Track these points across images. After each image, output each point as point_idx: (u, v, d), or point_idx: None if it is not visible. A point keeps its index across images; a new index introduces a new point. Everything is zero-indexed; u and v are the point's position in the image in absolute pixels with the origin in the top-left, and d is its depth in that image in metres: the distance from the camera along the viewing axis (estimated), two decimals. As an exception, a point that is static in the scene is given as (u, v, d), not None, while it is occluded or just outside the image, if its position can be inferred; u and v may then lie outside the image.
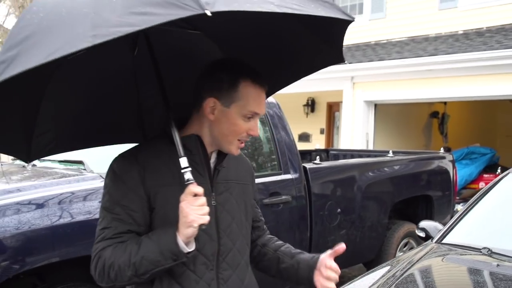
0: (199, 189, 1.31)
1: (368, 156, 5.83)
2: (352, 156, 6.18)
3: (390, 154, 5.10)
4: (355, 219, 4.24)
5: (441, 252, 2.78)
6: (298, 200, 3.72)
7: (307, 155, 6.31)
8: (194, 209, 1.29)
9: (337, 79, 8.98)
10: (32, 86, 1.41)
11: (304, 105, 11.39)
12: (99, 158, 3.18)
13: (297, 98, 10.79)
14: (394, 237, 4.68)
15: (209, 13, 0.96)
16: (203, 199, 1.30)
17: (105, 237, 1.39)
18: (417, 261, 2.66)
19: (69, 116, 1.58)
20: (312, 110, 11.35)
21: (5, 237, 2.43)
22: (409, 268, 2.56)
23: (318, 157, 4.29)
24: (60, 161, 3.28)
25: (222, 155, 1.52)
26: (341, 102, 9.45)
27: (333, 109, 11.05)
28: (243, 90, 1.40)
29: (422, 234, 3.20)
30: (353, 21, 1.36)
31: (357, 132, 9.05)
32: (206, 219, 1.29)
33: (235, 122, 1.42)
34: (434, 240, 2.97)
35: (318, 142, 10.42)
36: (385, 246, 4.62)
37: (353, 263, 4.47)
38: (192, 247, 1.35)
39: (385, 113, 9.47)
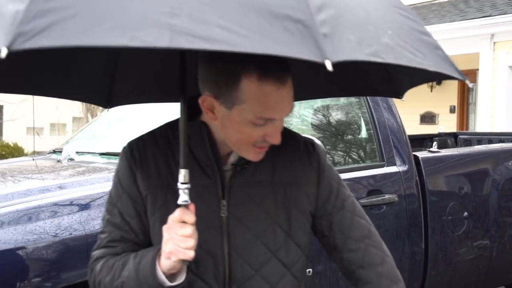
0: (189, 217, 1.28)
1: (512, 140, 5.50)
2: (490, 142, 5.89)
3: (541, 138, 4.76)
4: (490, 226, 4.02)
5: None
6: (408, 200, 3.60)
7: (428, 141, 6.09)
8: (175, 239, 1.27)
9: (472, 38, 8.61)
10: None
11: (428, 76, 11.09)
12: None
13: (417, 66, 10.49)
14: (549, 251, 4.36)
15: (329, 67, 0.90)
16: (188, 230, 1.27)
17: (100, 245, 1.48)
18: None
19: (143, 64, 1.71)
20: (439, 83, 11.08)
21: (37, 247, 2.52)
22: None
23: (435, 143, 4.10)
24: (101, 154, 3.38)
25: None
26: (478, 69, 9.03)
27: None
28: (246, 89, 1.27)
29: None
30: (464, 80, 1.28)
31: (499, 110, 8.71)
32: (188, 254, 1.27)
33: (240, 129, 1.32)
34: None
35: (446, 124, 10.05)
36: (535, 263, 4.34)
37: (489, 285, 4.25)
38: (180, 279, 1.33)
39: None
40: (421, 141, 6.11)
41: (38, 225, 2.50)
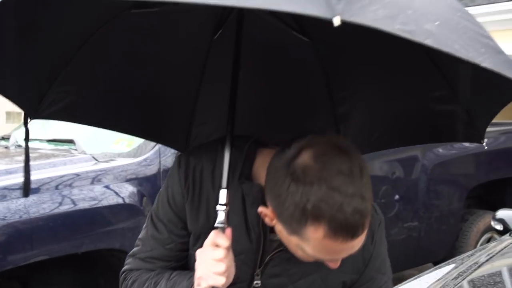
0: (222, 240, 1.16)
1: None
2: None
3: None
4: (419, 209, 4.13)
5: (520, 249, 2.60)
6: None
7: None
8: (206, 263, 1.15)
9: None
10: (190, 65, 1.50)
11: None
12: (92, 137, 3.21)
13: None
14: (471, 231, 4.55)
15: (337, 22, 0.76)
16: (220, 253, 1.15)
17: (137, 254, 1.37)
18: (487, 260, 2.50)
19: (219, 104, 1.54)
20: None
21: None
22: (475, 270, 2.41)
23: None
24: (48, 141, 3.33)
25: None
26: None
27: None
28: (310, 234, 1.07)
29: (499, 227, 3.03)
30: None
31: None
32: (219, 281, 1.14)
33: (297, 251, 1.16)
34: (514, 235, 2.80)
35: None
36: (460, 242, 4.51)
37: (418, 263, 4.38)
38: None
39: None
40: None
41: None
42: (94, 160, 2.90)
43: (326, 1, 0.81)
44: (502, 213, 3.06)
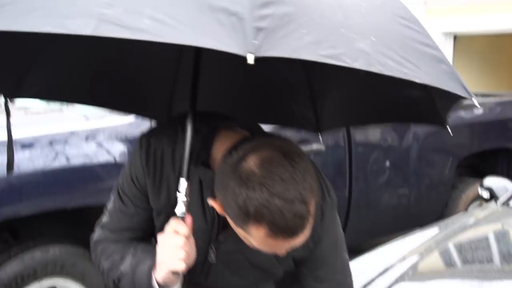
0: (182, 228, 1.21)
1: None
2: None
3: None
4: (409, 175, 4.13)
5: (504, 217, 2.62)
6: (335, 150, 3.64)
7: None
8: (167, 249, 1.21)
9: (405, 3, 8.56)
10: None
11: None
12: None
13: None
14: (461, 199, 4.54)
15: (250, 60, 0.80)
16: (179, 240, 1.20)
17: (105, 225, 1.41)
18: (471, 225, 2.53)
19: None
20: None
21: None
22: (458, 234, 2.43)
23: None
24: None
25: None
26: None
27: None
28: (253, 232, 1.12)
29: (486, 195, 3.03)
30: (470, 99, 1.11)
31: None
32: (179, 266, 1.20)
33: (245, 240, 1.20)
34: (500, 202, 2.81)
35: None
36: (449, 209, 4.50)
37: (406, 228, 4.37)
38: None
39: (468, 47, 9.02)
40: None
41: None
42: (85, 118, 2.89)
43: (244, 35, 0.83)
44: (489, 181, 3.05)
